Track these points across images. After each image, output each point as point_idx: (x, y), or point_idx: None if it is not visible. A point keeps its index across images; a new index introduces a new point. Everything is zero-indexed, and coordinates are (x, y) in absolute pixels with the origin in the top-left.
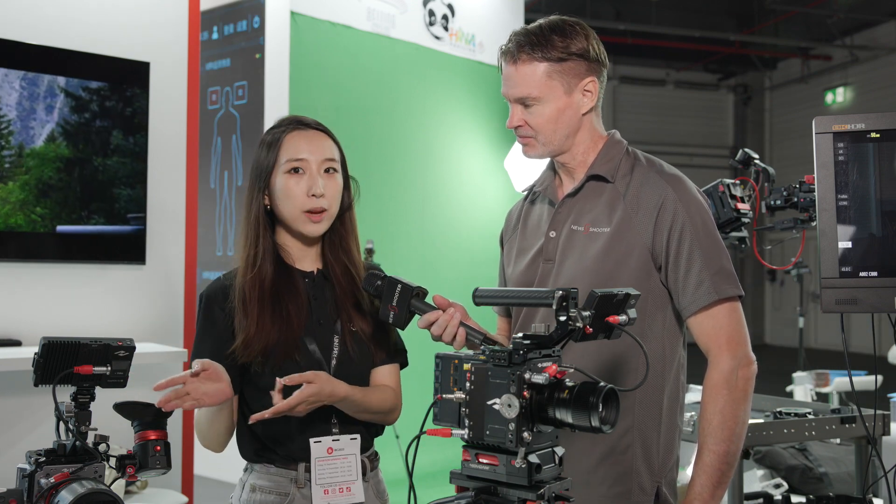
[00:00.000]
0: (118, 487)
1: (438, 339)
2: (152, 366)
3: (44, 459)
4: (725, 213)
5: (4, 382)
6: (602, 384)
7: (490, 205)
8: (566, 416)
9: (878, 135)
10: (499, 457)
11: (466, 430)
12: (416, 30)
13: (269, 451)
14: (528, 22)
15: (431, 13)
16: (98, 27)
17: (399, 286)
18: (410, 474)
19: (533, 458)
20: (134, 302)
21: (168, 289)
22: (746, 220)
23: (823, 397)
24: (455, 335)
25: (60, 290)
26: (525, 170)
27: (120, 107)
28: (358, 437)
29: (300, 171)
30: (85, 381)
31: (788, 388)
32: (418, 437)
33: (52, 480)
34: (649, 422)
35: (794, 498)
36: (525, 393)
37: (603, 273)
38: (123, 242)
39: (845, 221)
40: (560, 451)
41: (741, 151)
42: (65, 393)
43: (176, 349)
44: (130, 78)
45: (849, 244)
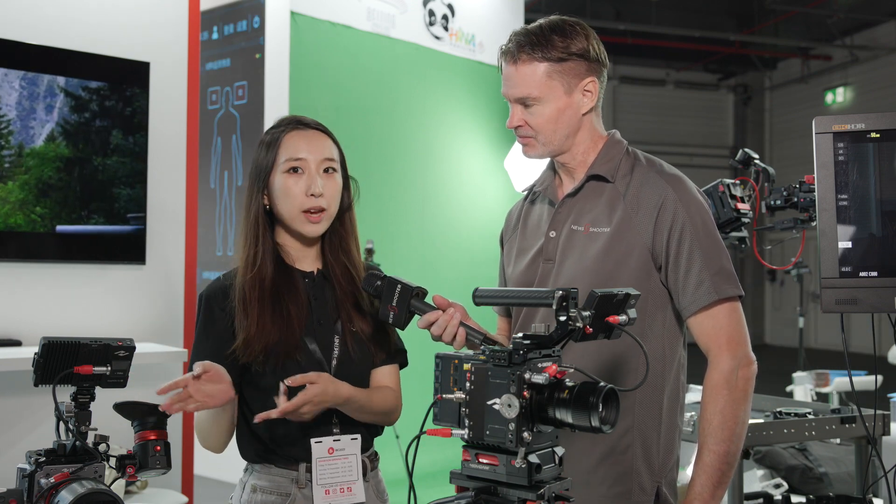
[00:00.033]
0: (118, 487)
1: (438, 339)
2: (152, 366)
3: (44, 459)
4: (725, 213)
5: (4, 382)
6: (602, 384)
7: (490, 205)
8: (566, 416)
9: (878, 135)
10: (499, 457)
11: (466, 430)
12: (416, 30)
13: (270, 452)
14: (528, 22)
15: (431, 13)
16: (98, 27)
17: (399, 286)
18: (410, 474)
19: (533, 458)
20: (134, 302)
21: (168, 289)
22: (746, 220)
23: (823, 397)
24: (455, 335)
25: (60, 290)
26: (525, 170)
27: (120, 107)
28: (359, 438)
29: (299, 171)
30: (85, 381)
31: (788, 388)
32: (418, 437)
33: (52, 480)
34: (649, 422)
35: (794, 498)
36: (525, 393)
37: (603, 273)
38: (123, 242)
39: (845, 221)
40: (560, 451)
41: (741, 151)
42: (65, 393)
43: (176, 349)
44: (130, 78)
45: (849, 244)
